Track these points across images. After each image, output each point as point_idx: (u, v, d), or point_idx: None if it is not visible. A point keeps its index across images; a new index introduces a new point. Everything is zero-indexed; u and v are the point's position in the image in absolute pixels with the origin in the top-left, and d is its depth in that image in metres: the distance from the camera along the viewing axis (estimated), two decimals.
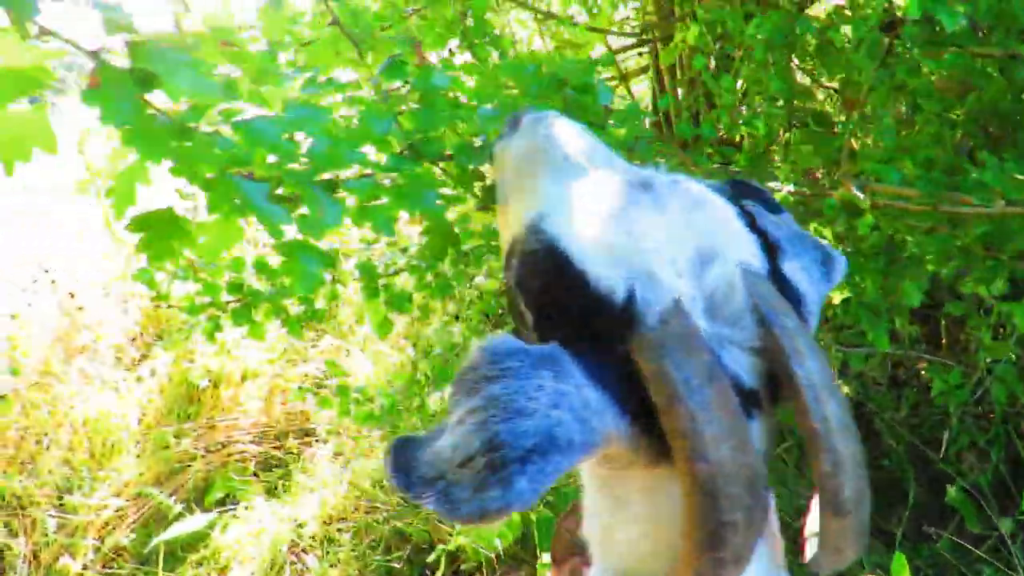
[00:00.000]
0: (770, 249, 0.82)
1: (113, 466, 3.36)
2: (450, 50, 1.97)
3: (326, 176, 0.91)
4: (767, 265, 0.80)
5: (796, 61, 2.14)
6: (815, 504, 0.73)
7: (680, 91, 2.59)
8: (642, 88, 4.13)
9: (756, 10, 1.79)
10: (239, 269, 1.95)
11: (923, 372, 2.82)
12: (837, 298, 1.74)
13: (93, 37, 0.74)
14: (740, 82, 1.95)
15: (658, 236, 0.74)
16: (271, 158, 0.84)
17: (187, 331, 2.00)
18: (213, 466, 3.54)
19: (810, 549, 0.75)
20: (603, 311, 0.71)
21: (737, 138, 2.15)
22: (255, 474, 3.60)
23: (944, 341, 2.73)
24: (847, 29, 1.60)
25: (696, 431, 0.64)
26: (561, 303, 0.75)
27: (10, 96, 0.72)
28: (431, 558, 2.74)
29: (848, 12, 1.60)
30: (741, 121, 1.85)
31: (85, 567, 2.98)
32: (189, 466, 3.47)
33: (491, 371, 0.66)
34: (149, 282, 1.85)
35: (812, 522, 0.74)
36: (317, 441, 3.78)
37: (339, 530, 3.21)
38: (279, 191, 0.88)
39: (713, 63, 2.25)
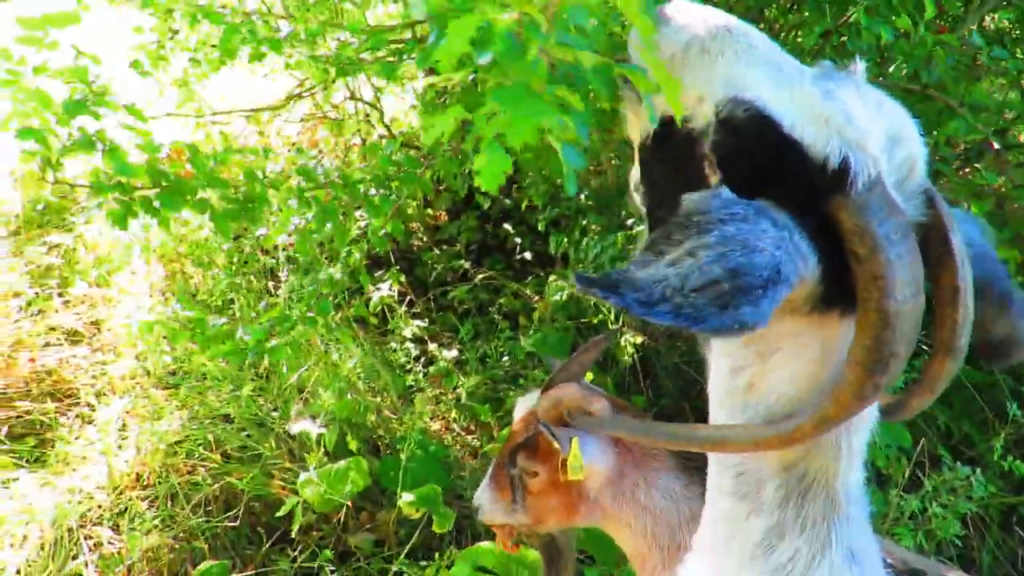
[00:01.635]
0: None
1: None
2: None
3: None
4: None
5: None
6: None
7: None
8: None
9: None
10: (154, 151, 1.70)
11: None
12: None
13: None
14: None
15: (864, 116, 0.83)
16: None
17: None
18: None
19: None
20: (813, 174, 0.80)
21: None
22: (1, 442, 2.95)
23: None
24: None
25: (891, 275, 0.77)
26: (766, 165, 0.83)
27: None
28: (281, 512, 2.58)
29: None
30: None
31: None
32: None
33: (722, 215, 0.78)
34: (39, 138, 1.49)
35: None
36: (78, 404, 3.23)
37: (142, 497, 2.81)
38: None
39: None
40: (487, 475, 2.05)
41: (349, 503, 2.64)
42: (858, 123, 0.82)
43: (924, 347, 1.08)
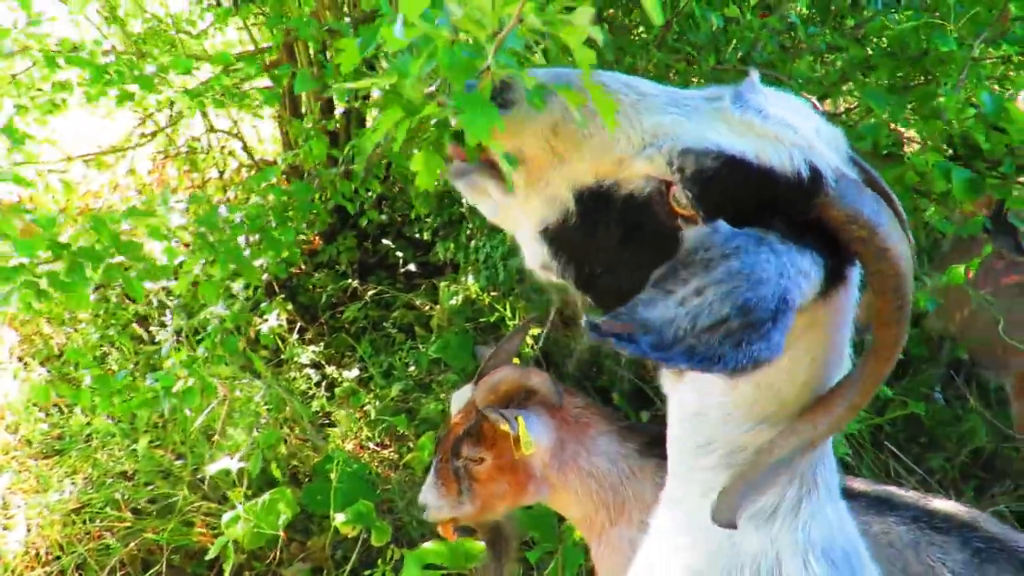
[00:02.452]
0: None
1: None
2: None
3: None
4: None
5: None
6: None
7: None
8: None
9: None
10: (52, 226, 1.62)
11: None
12: None
13: None
14: None
15: (798, 120, 0.88)
16: None
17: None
18: None
19: None
20: (791, 189, 0.83)
21: None
22: None
23: None
24: None
25: (893, 242, 0.83)
26: (751, 199, 0.85)
27: None
28: (212, 553, 2.47)
29: None
30: None
31: None
32: None
33: (726, 250, 0.79)
34: None
35: None
36: None
37: (47, 574, 2.59)
38: None
39: None
40: (429, 475, 2.09)
41: (282, 534, 2.57)
42: (801, 130, 0.86)
43: None
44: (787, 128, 0.86)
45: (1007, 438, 3.26)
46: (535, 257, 1.03)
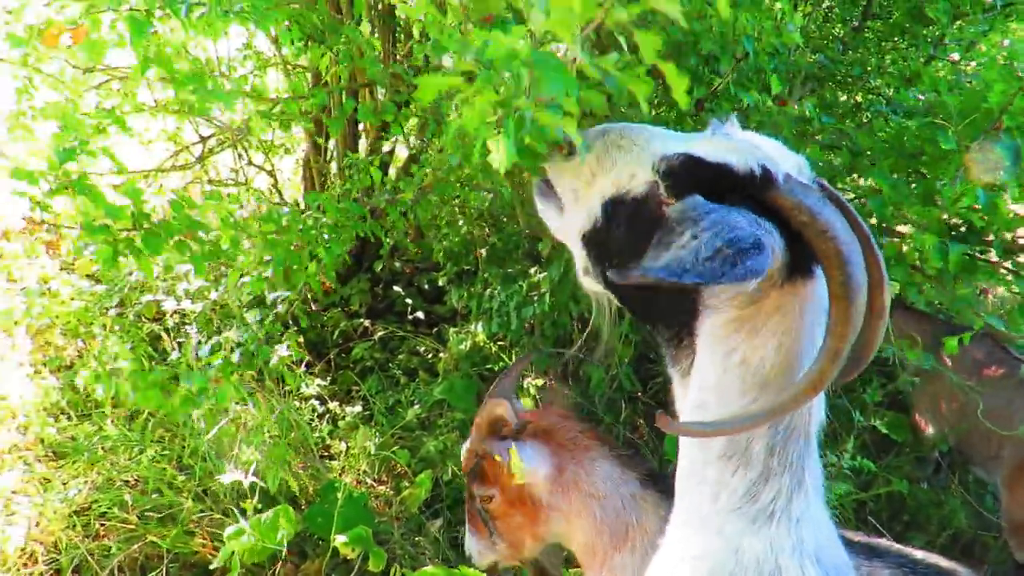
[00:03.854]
0: None
1: None
2: None
3: None
4: None
5: None
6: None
7: None
8: None
9: None
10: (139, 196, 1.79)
11: None
12: None
13: None
14: None
15: (764, 145, 1.15)
16: None
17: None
18: None
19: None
20: (746, 183, 1.09)
21: None
22: None
23: None
24: None
25: (834, 226, 1.03)
26: (708, 186, 1.10)
27: None
28: (217, 562, 2.51)
29: None
30: None
31: None
32: None
33: (706, 208, 1.05)
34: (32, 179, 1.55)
35: None
36: None
37: (45, 572, 2.62)
38: None
39: None
40: (466, 525, 2.18)
41: (284, 550, 2.62)
42: (762, 147, 1.14)
43: None
44: (747, 143, 1.14)
45: (987, 526, 3.37)
46: (580, 263, 1.33)
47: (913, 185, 2.20)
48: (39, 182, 1.58)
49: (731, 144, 1.14)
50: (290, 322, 4.29)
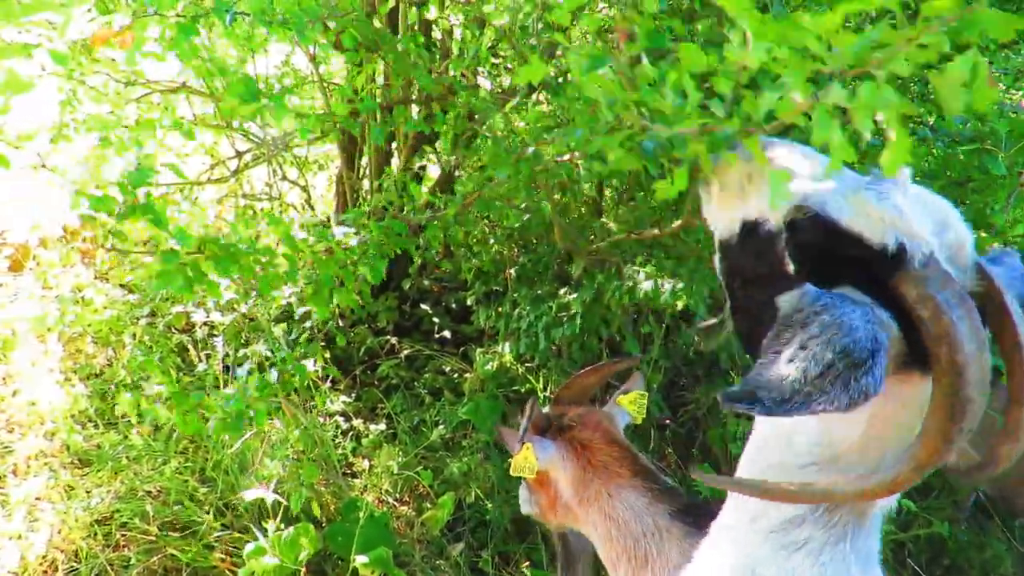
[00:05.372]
0: None
1: None
2: None
3: None
4: None
5: None
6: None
7: None
8: None
9: None
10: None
11: None
12: None
13: None
14: None
15: (912, 209, 0.98)
16: None
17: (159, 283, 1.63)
18: None
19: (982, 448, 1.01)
20: (876, 258, 0.96)
21: None
22: None
23: None
24: None
25: (954, 332, 0.89)
26: (832, 254, 1.00)
27: None
28: None
29: None
30: None
31: None
32: None
33: (816, 307, 0.94)
34: (107, 208, 1.55)
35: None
36: None
37: None
38: None
39: None
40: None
41: (303, 569, 2.58)
42: (908, 216, 0.97)
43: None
44: (894, 210, 0.98)
45: None
46: (716, 264, 1.25)
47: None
48: (114, 210, 1.58)
49: (871, 207, 0.98)
50: (319, 337, 4.30)
